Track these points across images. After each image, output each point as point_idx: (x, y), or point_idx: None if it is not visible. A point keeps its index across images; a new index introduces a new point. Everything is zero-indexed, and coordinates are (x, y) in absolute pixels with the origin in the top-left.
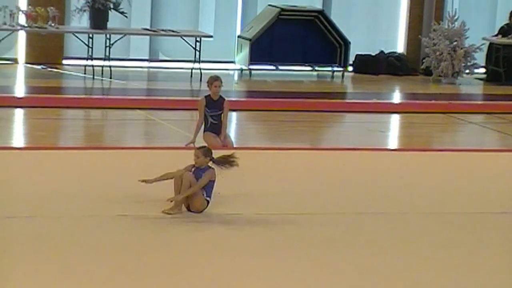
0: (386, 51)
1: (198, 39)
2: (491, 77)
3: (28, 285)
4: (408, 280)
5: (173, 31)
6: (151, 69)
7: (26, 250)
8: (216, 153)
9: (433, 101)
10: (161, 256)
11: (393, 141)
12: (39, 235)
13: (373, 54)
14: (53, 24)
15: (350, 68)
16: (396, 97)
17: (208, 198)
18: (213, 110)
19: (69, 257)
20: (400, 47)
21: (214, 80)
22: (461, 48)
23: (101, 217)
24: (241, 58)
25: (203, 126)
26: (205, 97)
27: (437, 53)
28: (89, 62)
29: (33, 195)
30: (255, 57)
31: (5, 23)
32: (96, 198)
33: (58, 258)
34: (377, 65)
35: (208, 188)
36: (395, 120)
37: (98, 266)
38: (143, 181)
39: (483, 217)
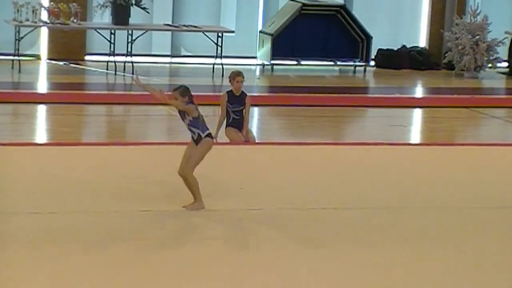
0: (408, 46)
1: (220, 34)
2: None
3: (60, 278)
4: (432, 272)
5: (195, 26)
6: (173, 65)
7: (50, 245)
8: (238, 148)
9: (455, 95)
10: (184, 250)
11: (415, 136)
12: (63, 230)
13: (395, 48)
14: (75, 20)
15: (372, 63)
16: (419, 92)
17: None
18: (235, 106)
19: (94, 251)
20: (422, 42)
21: (236, 76)
22: (484, 42)
23: (124, 212)
24: (263, 53)
25: (225, 122)
26: (227, 92)
27: (460, 47)
28: (111, 58)
29: (57, 190)
30: (277, 52)
31: (27, 20)
32: (119, 194)
33: (82, 252)
34: (399, 60)
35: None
36: (417, 114)
37: (121, 260)
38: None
39: (507, 211)
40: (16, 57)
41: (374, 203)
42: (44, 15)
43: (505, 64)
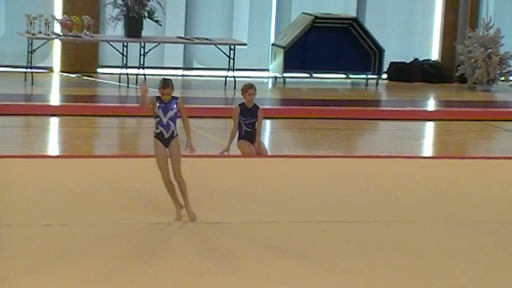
0: (420, 59)
1: (232, 47)
2: None
3: None
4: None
5: (207, 39)
6: (185, 77)
7: (63, 257)
8: (250, 161)
9: (468, 109)
10: (199, 262)
11: (427, 149)
12: (75, 243)
13: (408, 61)
14: (88, 33)
15: (384, 76)
16: (431, 105)
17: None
18: (247, 118)
19: (104, 264)
20: (434, 55)
21: (249, 88)
22: (496, 55)
23: (134, 225)
24: (275, 66)
25: (237, 134)
26: (239, 105)
27: (472, 60)
28: (124, 71)
29: (69, 203)
30: (289, 64)
31: (40, 32)
32: (130, 206)
33: (93, 265)
34: (411, 73)
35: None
36: (429, 127)
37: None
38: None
39: None
40: (29, 70)
41: (386, 216)
42: (57, 28)
43: None
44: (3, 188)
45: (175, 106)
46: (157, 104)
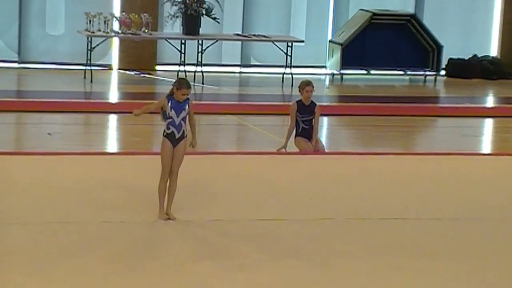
0: (479, 55)
1: (289, 44)
2: None
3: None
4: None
5: (264, 36)
6: (242, 74)
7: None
8: (307, 158)
9: None
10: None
11: (487, 146)
12: (135, 240)
13: (466, 58)
14: (146, 31)
15: (443, 72)
16: (490, 101)
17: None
18: (304, 115)
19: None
20: (493, 51)
21: (306, 85)
22: None
23: (193, 222)
24: (332, 62)
25: (294, 131)
26: (297, 102)
27: None
28: (182, 68)
29: (128, 200)
30: (347, 61)
31: (99, 30)
32: (187, 203)
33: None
34: (470, 69)
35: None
36: (488, 124)
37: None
38: (135, 114)
39: None
40: (88, 67)
41: (445, 213)
42: (116, 26)
43: None
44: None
45: (187, 106)
46: (169, 105)
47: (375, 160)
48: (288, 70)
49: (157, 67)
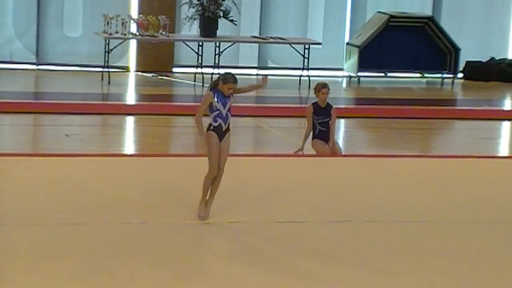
0: (497, 58)
1: (307, 46)
2: None
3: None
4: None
5: (282, 38)
6: (260, 77)
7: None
8: (324, 160)
9: None
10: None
11: (504, 148)
12: (147, 241)
13: (484, 60)
14: (164, 33)
15: (460, 75)
16: (508, 104)
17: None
18: (320, 117)
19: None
20: (511, 54)
21: (322, 87)
22: None
23: (216, 224)
24: (349, 65)
25: (311, 133)
26: (313, 104)
27: None
28: (199, 70)
29: (145, 202)
30: (364, 64)
31: (117, 32)
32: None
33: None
34: (488, 72)
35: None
36: (506, 127)
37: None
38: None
39: None
40: (106, 69)
41: (463, 216)
42: (133, 28)
43: None
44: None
45: (230, 98)
46: (215, 98)
47: (392, 163)
48: (305, 72)
49: (174, 69)
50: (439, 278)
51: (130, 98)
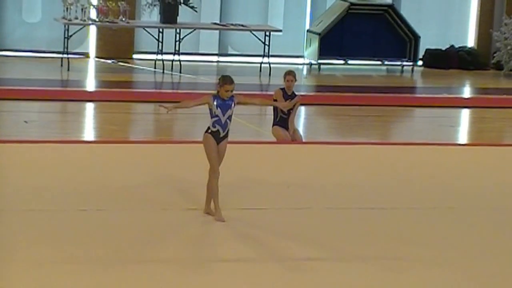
0: (456, 46)
1: (267, 33)
2: None
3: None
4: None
5: (242, 25)
6: (220, 63)
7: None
8: (285, 147)
9: (504, 96)
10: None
11: (463, 136)
12: (110, 228)
13: (443, 48)
14: (124, 19)
15: (420, 63)
16: (467, 92)
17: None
18: None
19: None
20: (470, 41)
21: (287, 75)
22: None
23: (172, 210)
24: (310, 52)
25: (272, 120)
26: (281, 89)
27: (508, 47)
28: (159, 57)
29: (104, 188)
30: (324, 51)
31: (76, 18)
32: (165, 191)
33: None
34: (447, 60)
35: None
36: (465, 114)
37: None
38: (160, 106)
39: None
40: (65, 55)
41: (421, 203)
42: (93, 13)
43: None
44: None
45: (233, 104)
46: (215, 103)
47: (352, 150)
48: (265, 60)
49: (135, 56)
50: (401, 263)
51: (90, 84)
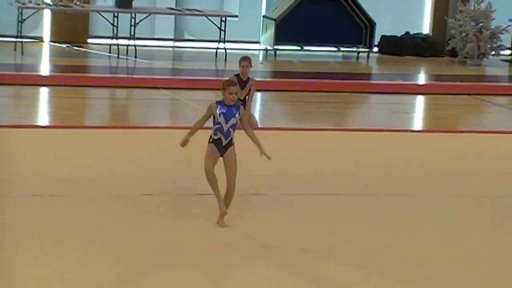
0: (412, 32)
1: (223, 19)
2: None
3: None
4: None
5: (198, 10)
6: (176, 49)
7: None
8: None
9: (458, 83)
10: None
11: (418, 122)
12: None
13: (399, 35)
14: (78, 3)
15: (376, 49)
16: (422, 79)
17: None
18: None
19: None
20: (426, 28)
21: (243, 60)
22: (487, 30)
23: (126, 197)
24: (266, 38)
25: None
26: (235, 75)
27: (463, 34)
28: (114, 41)
29: (59, 174)
30: (280, 37)
31: (30, 1)
32: (121, 178)
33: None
34: (402, 46)
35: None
36: (420, 101)
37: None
38: (181, 145)
39: (508, 200)
40: (19, 39)
41: (376, 190)
42: None
43: (509, 51)
44: None
45: (237, 114)
46: (218, 110)
47: (308, 136)
48: (221, 45)
49: (89, 40)
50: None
51: (44, 69)
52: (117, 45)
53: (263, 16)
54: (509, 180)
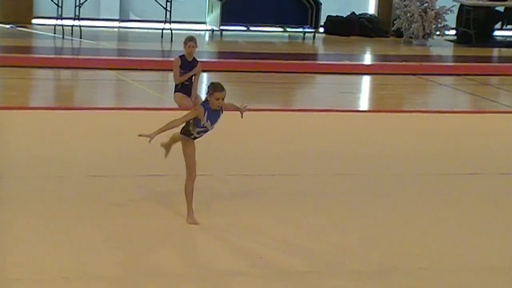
0: (357, 13)
1: None
2: (461, 39)
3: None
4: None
5: None
6: (121, 29)
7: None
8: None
9: (404, 63)
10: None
11: (364, 103)
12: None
13: (345, 15)
14: None
15: (322, 30)
16: (367, 59)
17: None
18: (186, 71)
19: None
20: (371, 9)
21: (188, 41)
22: (432, 10)
23: (71, 178)
24: (212, 18)
25: (174, 87)
26: (180, 57)
27: (408, 14)
28: (59, 22)
29: (5, 156)
30: (227, 17)
31: None
32: (67, 159)
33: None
34: (348, 27)
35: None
36: (366, 81)
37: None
38: (140, 135)
39: (453, 178)
40: None
41: (323, 170)
42: None
43: (453, 32)
44: None
45: (221, 112)
46: (206, 116)
47: (254, 117)
48: (167, 26)
49: (34, 21)
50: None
51: None
52: (62, 25)
53: None
54: (451, 159)
